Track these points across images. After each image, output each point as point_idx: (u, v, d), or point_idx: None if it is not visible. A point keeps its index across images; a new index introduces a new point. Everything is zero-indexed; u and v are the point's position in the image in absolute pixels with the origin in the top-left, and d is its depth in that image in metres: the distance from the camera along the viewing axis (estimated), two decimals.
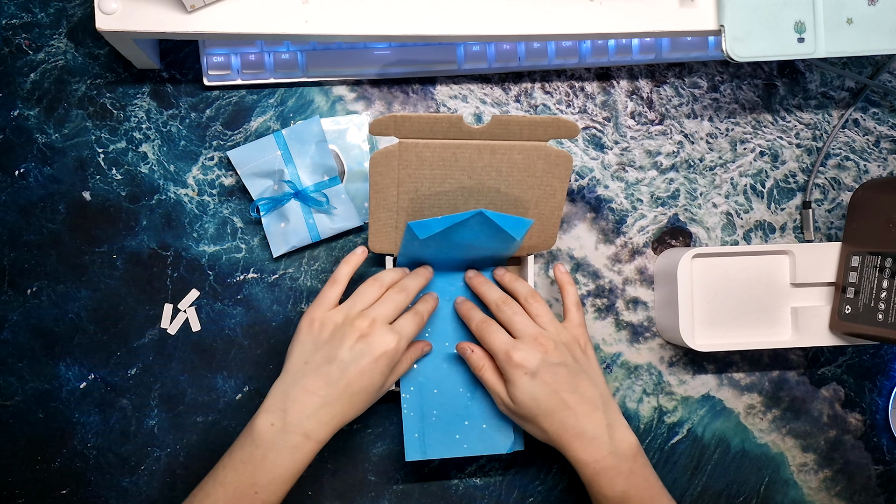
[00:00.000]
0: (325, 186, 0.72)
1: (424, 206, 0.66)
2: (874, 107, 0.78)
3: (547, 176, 0.65)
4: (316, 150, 0.72)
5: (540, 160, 0.65)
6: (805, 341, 0.71)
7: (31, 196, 0.72)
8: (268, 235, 0.72)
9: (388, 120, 0.61)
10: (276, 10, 0.63)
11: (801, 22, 0.65)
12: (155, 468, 0.72)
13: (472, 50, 0.73)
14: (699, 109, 0.77)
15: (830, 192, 0.77)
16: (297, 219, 0.72)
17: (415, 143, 0.63)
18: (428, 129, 0.62)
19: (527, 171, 0.65)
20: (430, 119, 0.61)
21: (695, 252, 0.70)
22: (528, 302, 0.66)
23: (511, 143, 0.63)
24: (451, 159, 0.64)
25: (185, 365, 0.73)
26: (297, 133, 0.72)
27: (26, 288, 0.72)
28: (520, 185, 0.66)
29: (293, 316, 0.73)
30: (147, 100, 0.73)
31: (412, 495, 0.74)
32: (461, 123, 0.62)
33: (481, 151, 0.64)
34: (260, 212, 0.71)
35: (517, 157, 0.64)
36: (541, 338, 0.63)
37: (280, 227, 0.72)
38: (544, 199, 0.67)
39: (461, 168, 0.64)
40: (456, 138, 0.63)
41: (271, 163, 0.71)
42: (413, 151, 0.63)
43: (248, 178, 0.71)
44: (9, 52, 0.72)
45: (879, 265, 0.67)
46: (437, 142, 0.63)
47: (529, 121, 0.62)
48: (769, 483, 0.76)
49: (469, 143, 0.63)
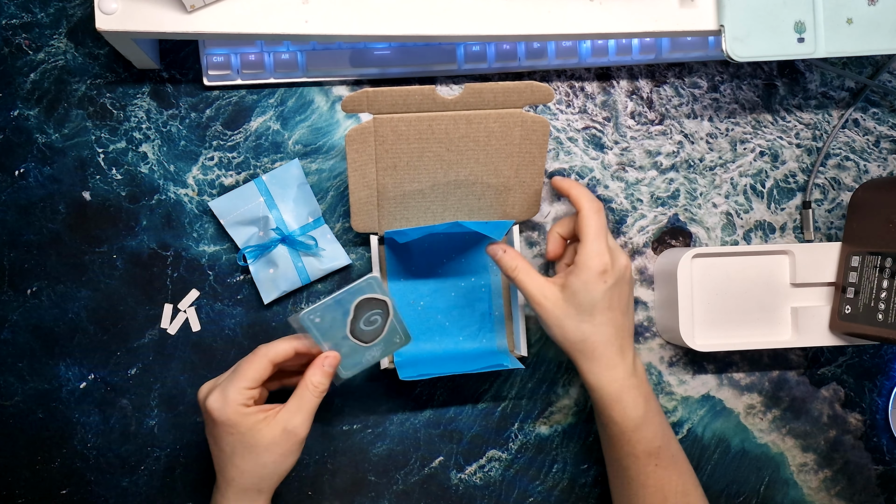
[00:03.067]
0: (310, 228, 0.72)
1: (405, 180, 0.66)
2: (874, 107, 0.78)
3: (525, 142, 0.66)
4: (298, 193, 0.72)
5: (516, 127, 0.65)
6: (805, 341, 0.71)
7: (31, 196, 0.72)
8: (257, 283, 0.71)
9: (361, 96, 0.61)
10: (276, 10, 0.63)
11: (801, 22, 0.65)
12: (155, 468, 0.72)
13: (472, 50, 0.73)
14: (699, 109, 0.77)
15: (830, 192, 0.77)
16: (286, 264, 0.71)
17: (389, 118, 0.63)
18: (402, 103, 0.62)
19: (504, 138, 0.65)
20: (403, 92, 0.61)
21: (695, 252, 0.70)
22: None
23: (486, 111, 0.64)
24: (427, 132, 0.64)
25: (185, 365, 0.73)
26: (277, 177, 0.71)
27: (26, 288, 0.72)
28: (499, 154, 0.66)
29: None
30: (147, 100, 0.73)
31: (412, 495, 0.74)
32: (434, 94, 0.62)
33: (457, 122, 0.64)
34: (247, 260, 0.71)
35: (493, 125, 0.64)
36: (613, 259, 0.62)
37: (269, 273, 0.71)
38: (525, 167, 0.67)
39: (438, 140, 0.64)
40: (430, 110, 0.63)
41: (255, 210, 0.71)
42: (388, 126, 0.63)
43: (232, 227, 0.71)
44: (9, 52, 0.72)
45: (879, 265, 0.67)
46: (412, 115, 0.63)
47: (503, 87, 0.63)
48: (769, 483, 0.76)
49: (444, 115, 0.63)
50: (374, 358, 0.62)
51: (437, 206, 0.69)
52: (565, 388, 0.75)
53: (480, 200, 0.69)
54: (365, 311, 0.60)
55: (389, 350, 0.62)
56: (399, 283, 0.73)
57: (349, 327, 0.60)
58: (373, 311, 0.60)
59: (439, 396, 0.74)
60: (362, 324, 0.60)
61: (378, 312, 0.60)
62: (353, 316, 0.60)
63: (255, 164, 0.73)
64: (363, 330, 0.61)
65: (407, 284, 0.73)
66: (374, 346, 0.62)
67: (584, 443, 0.75)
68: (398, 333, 0.62)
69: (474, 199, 0.69)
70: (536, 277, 0.63)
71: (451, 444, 0.74)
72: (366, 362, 0.62)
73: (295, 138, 0.74)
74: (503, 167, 0.67)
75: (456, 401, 0.74)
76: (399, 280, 0.73)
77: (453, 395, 0.74)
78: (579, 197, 0.63)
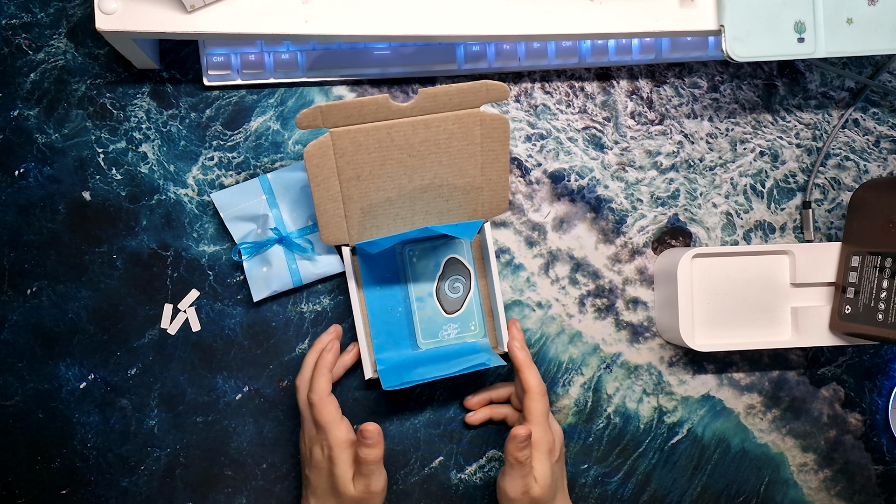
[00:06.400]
0: (309, 231, 0.72)
1: (370, 189, 0.66)
2: (874, 107, 0.78)
3: (487, 141, 0.66)
4: (301, 195, 0.72)
5: (476, 126, 0.65)
6: (805, 341, 0.71)
7: (31, 196, 0.72)
8: (249, 279, 0.71)
9: (314, 111, 0.61)
10: (276, 10, 0.63)
11: (801, 22, 0.65)
12: (155, 468, 0.72)
13: (472, 50, 0.73)
14: (699, 109, 0.77)
15: (830, 192, 0.77)
16: (280, 263, 0.71)
17: (346, 130, 0.62)
18: (356, 115, 0.62)
19: (465, 139, 0.65)
20: (357, 104, 0.61)
21: (695, 252, 0.70)
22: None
23: (444, 114, 0.64)
24: (386, 140, 0.64)
25: (185, 365, 0.73)
26: (282, 177, 0.71)
27: (26, 288, 0.72)
28: (461, 154, 0.66)
29: (293, 316, 0.73)
30: (147, 100, 0.73)
31: (412, 495, 0.74)
32: (388, 103, 0.62)
33: (415, 127, 0.64)
34: (242, 255, 0.71)
35: (452, 127, 0.64)
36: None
37: (262, 271, 0.71)
38: (489, 164, 0.67)
39: (399, 147, 0.64)
40: (386, 119, 0.63)
41: (256, 207, 0.71)
42: (346, 138, 0.63)
43: (231, 221, 0.71)
44: (9, 52, 0.72)
45: (879, 265, 0.67)
46: (369, 125, 0.63)
47: (457, 89, 0.62)
48: (769, 483, 0.76)
49: (402, 122, 0.63)
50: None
51: (406, 212, 0.69)
52: (565, 388, 0.75)
53: (449, 202, 0.69)
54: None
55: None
56: (375, 292, 0.72)
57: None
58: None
59: (439, 396, 0.74)
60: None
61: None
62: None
63: (255, 164, 0.73)
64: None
65: (383, 292, 0.72)
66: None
67: (584, 443, 0.75)
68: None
69: (443, 202, 0.69)
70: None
71: (451, 444, 0.74)
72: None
73: (295, 138, 0.74)
74: (468, 167, 0.67)
75: (456, 401, 0.74)
76: (375, 288, 0.72)
77: (453, 395, 0.74)
78: (528, 379, 0.67)
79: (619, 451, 0.75)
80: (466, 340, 0.73)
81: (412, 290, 0.72)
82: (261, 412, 0.73)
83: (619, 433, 0.75)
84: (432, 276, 0.72)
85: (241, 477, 0.73)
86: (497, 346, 0.72)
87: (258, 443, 0.73)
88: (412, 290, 0.72)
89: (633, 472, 0.75)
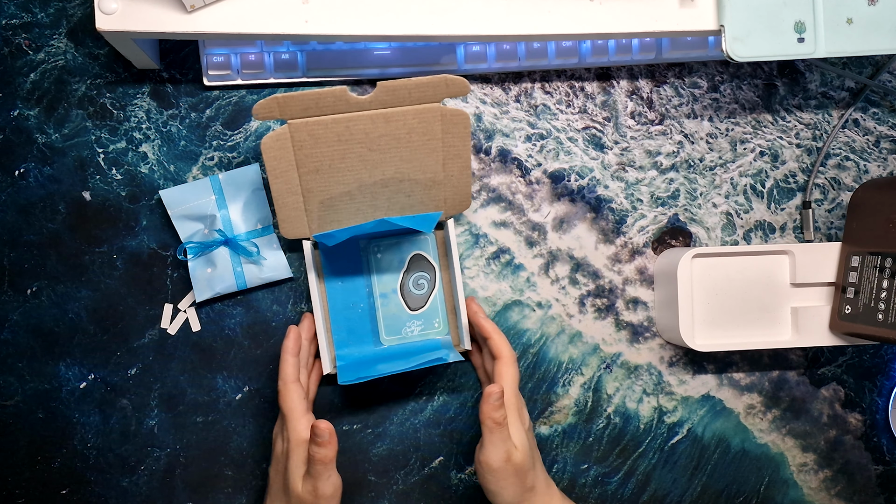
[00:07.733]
0: (256, 235, 0.71)
1: (330, 183, 0.66)
2: (874, 107, 0.78)
3: (447, 136, 0.65)
4: (251, 198, 0.71)
5: (436, 122, 0.64)
6: (805, 341, 0.71)
7: (31, 196, 0.72)
8: (192, 279, 0.71)
9: (271, 102, 0.60)
10: (276, 10, 0.63)
11: (801, 22, 0.65)
12: (155, 468, 0.72)
13: (472, 50, 0.73)
14: (699, 109, 0.77)
15: (830, 192, 0.78)
16: (225, 265, 0.71)
17: (304, 122, 0.62)
18: (314, 107, 0.61)
19: (426, 134, 0.65)
20: (314, 95, 0.61)
21: (695, 252, 0.70)
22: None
23: (404, 108, 0.63)
24: (345, 133, 0.63)
25: (185, 365, 0.73)
26: (233, 179, 0.71)
27: (26, 288, 0.72)
28: (422, 149, 0.66)
29: (293, 316, 0.73)
30: (147, 100, 0.73)
31: (412, 495, 0.74)
32: (347, 95, 0.61)
33: (375, 121, 0.63)
34: (187, 255, 0.70)
35: (412, 121, 0.64)
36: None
37: (206, 272, 0.71)
38: (451, 160, 0.67)
39: (358, 141, 0.64)
40: (345, 111, 0.62)
41: (204, 206, 0.70)
42: (304, 131, 0.63)
43: (178, 219, 0.70)
44: (9, 52, 0.72)
45: (879, 265, 0.67)
46: (327, 118, 0.62)
47: (416, 83, 0.62)
48: (769, 483, 0.76)
49: (361, 115, 0.63)
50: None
51: (366, 207, 0.68)
52: (565, 388, 0.75)
53: (410, 197, 0.68)
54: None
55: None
56: (336, 286, 0.72)
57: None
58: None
59: (439, 396, 0.74)
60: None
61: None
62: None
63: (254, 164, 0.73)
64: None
65: (345, 286, 0.72)
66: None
67: (584, 443, 0.75)
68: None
69: (404, 197, 0.68)
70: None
71: (451, 444, 0.74)
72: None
73: None
74: (429, 162, 0.66)
75: (456, 401, 0.74)
76: (336, 282, 0.72)
77: (453, 395, 0.74)
78: (500, 346, 0.66)
79: (619, 451, 0.75)
80: (430, 337, 0.72)
81: (376, 287, 0.72)
82: (261, 412, 0.73)
83: (619, 433, 0.75)
84: (397, 272, 0.72)
85: (241, 477, 0.73)
86: (459, 343, 0.72)
87: (258, 443, 0.73)
88: (376, 286, 0.72)
89: (633, 472, 0.75)
